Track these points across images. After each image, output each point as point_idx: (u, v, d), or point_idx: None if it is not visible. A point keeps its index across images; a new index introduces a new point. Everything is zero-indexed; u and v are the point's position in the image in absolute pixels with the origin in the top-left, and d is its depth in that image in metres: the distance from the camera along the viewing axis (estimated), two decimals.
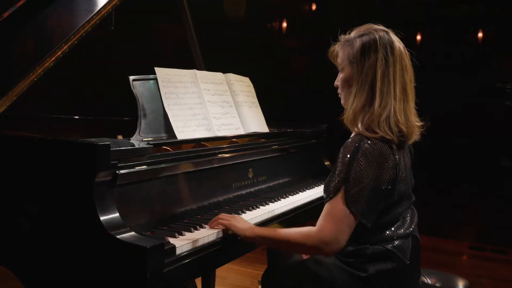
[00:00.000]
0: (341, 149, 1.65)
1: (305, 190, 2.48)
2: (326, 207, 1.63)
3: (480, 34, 5.16)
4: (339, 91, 1.80)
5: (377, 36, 1.66)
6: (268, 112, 2.64)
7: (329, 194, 1.62)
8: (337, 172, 1.62)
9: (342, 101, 1.80)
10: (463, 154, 4.98)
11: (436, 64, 5.07)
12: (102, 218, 1.45)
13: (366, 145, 1.59)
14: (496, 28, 5.13)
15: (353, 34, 1.73)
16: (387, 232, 1.70)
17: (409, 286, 1.79)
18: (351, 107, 1.68)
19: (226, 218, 1.77)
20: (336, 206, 1.59)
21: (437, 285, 2.03)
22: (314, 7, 5.83)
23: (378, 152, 1.60)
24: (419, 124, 1.72)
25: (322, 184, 2.60)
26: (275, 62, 5.81)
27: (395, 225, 1.72)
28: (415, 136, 1.73)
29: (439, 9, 5.33)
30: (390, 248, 1.68)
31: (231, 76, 2.49)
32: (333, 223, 1.59)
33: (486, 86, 5.17)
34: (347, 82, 1.73)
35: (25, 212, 1.63)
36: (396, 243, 1.69)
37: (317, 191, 2.49)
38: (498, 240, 4.64)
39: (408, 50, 1.73)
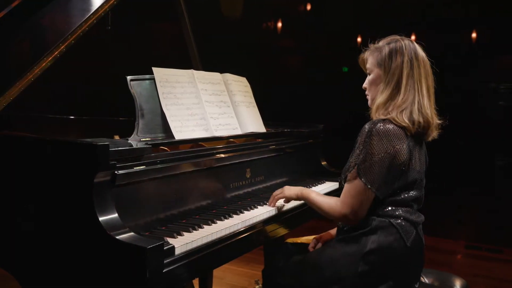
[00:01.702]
0: (360, 131, 1.83)
1: None
2: (346, 184, 1.83)
3: (474, 35, 5.18)
4: (367, 92, 1.98)
5: (403, 43, 1.87)
6: (265, 112, 2.64)
7: (348, 169, 1.82)
8: (354, 151, 1.83)
9: (369, 102, 1.97)
10: (459, 154, 5.00)
11: (430, 64, 5.08)
12: (101, 218, 1.45)
13: (379, 126, 1.77)
14: (491, 28, 5.15)
15: (381, 43, 1.94)
16: (396, 211, 1.81)
17: (406, 278, 1.82)
18: (376, 103, 1.88)
19: (278, 193, 2.09)
20: (353, 181, 1.79)
21: (435, 284, 2.04)
22: (310, 7, 5.84)
23: (391, 132, 1.76)
24: (439, 122, 1.90)
25: (320, 184, 2.64)
26: (271, 62, 5.81)
27: (404, 209, 1.83)
28: (435, 134, 1.89)
29: (434, 9, 5.34)
30: (394, 223, 1.79)
31: (229, 76, 2.49)
32: (351, 198, 1.79)
33: (481, 86, 5.20)
34: (374, 83, 1.91)
35: (23, 213, 1.62)
36: (401, 222, 1.80)
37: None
38: (494, 239, 4.66)
39: (429, 59, 1.91)
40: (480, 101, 5.19)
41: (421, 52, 1.89)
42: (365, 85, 1.97)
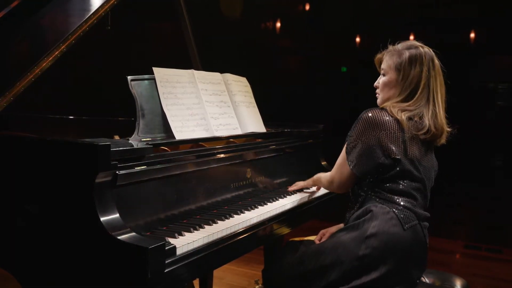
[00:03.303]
0: None
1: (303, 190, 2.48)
2: (338, 158, 2.04)
3: (472, 35, 5.19)
4: (377, 91, 2.05)
5: (423, 51, 1.93)
6: (265, 112, 2.64)
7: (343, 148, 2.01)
8: None
9: (378, 101, 2.05)
10: (457, 153, 5.01)
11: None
12: (102, 219, 1.44)
13: (369, 113, 1.91)
14: (488, 28, 5.16)
15: (400, 46, 1.99)
16: (397, 199, 1.89)
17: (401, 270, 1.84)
18: (387, 105, 1.95)
19: (300, 183, 2.42)
20: (341, 157, 2.01)
21: (435, 284, 2.04)
22: (310, 7, 5.84)
23: (379, 120, 1.88)
24: (448, 129, 1.97)
25: None
26: (271, 62, 5.81)
27: (406, 199, 1.89)
28: (443, 140, 1.98)
29: (432, 9, 5.35)
30: (393, 209, 1.85)
31: (229, 76, 2.49)
32: (337, 169, 2.04)
33: (479, 86, 5.21)
34: (388, 85, 1.98)
35: (25, 213, 1.62)
36: (401, 208, 1.86)
37: (314, 191, 2.49)
38: (494, 239, 4.67)
39: (441, 67, 1.98)
40: (479, 101, 5.20)
41: (437, 61, 1.95)
42: (377, 84, 2.04)
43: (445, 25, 5.17)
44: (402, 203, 1.88)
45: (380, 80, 2.02)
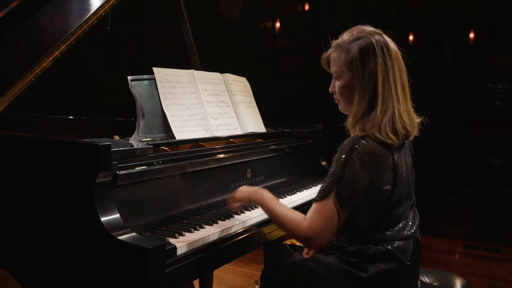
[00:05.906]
0: (338, 149, 1.64)
1: (302, 190, 2.49)
2: (317, 205, 1.63)
3: (471, 35, 5.20)
4: (335, 97, 1.77)
5: (373, 40, 1.63)
6: (265, 112, 2.64)
7: (320, 193, 1.62)
8: (330, 172, 1.62)
9: (340, 107, 1.77)
10: (455, 153, 5.01)
11: (427, 64, 5.11)
12: (103, 219, 1.45)
13: (361, 146, 1.57)
14: (487, 28, 5.17)
15: (346, 38, 1.67)
16: (389, 232, 1.68)
17: (408, 287, 1.81)
18: (352, 114, 1.67)
19: (232, 196, 1.88)
20: (327, 206, 1.59)
21: (435, 284, 2.04)
22: (309, 7, 5.84)
23: (374, 154, 1.58)
24: (418, 120, 1.71)
25: (319, 184, 2.64)
26: (270, 62, 5.81)
27: (397, 227, 1.70)
28: (416, 132, 1.71)
29: (431, 9, 5.36)
30: (391, 248, 1.66)
31: (229, 76, 2.49)
32: (322, 222, 1.60)
33: (477, 86, 5.21)
34: (346, 89, 1.69)
35: (25, 214, 1.62)
36: (397, 244, 1.67)
37: (314, 191, 2.49)
38: (492, 239, 4.67)
39: (399, 48, 1.70)
40: (479, 100, 5.21)
41: (392, 46, 1.66)
42: (332, 89, 1.77)
43: (445, 25, 5.18)
44: (394, 236, 1.67)
45: (336, 85, 1.73)
